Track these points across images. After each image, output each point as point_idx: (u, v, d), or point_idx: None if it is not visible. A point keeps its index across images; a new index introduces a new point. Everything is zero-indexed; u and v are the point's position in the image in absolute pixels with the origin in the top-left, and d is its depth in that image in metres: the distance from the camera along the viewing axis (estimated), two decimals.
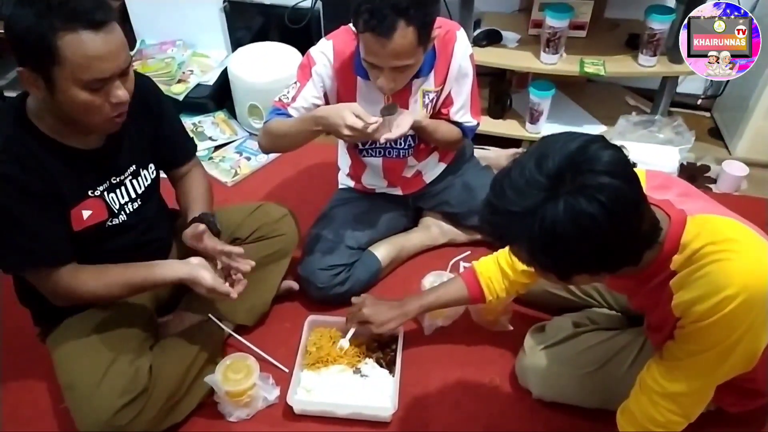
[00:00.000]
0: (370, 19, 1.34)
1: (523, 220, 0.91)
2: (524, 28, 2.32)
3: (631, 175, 0.92)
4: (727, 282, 0.98)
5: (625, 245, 0.95)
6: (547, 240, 0.90)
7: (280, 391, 1.57)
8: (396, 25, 1.34)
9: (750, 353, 1.07)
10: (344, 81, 1.60)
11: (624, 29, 2.31)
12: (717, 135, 2.45)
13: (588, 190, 0.88)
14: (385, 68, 1.43)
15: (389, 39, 1.35)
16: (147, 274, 1.36)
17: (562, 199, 0.88)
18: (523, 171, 0.92)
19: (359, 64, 1.54)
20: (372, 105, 1.57)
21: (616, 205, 0.88)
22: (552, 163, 0.90)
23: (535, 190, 0.90)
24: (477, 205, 1.84)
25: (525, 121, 2.29)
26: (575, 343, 1.48)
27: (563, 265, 0.96)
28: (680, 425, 1.17)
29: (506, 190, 0.93)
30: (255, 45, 2.49)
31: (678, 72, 2.18)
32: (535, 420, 1.52)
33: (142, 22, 2.67)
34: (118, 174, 1.38)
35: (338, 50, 1.58)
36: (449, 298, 1.54)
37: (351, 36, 1.57)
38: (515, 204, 0.91)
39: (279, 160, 2.36)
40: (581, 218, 0.88)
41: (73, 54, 1.10)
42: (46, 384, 1.59)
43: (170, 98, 2.46)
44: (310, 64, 1.59)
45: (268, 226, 1.66)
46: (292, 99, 1.58)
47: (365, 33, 1.37)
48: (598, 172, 0.88)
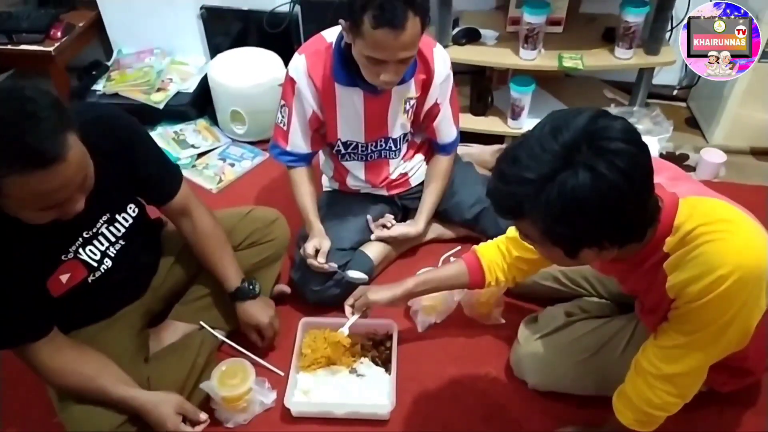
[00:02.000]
0: (382, 14, 1.35)
1: (541, 187, 0.91)
2: (502, 25, 2.35)
3: (642, 143, 0.94)
4: (720, 261, 1.00)
5: (639, 213, 0.97)
6: (567, 206, 0.91)
7: (276, 394, 1.56)
8: (407, 16, 1.36)
9: (743, 331, 1.09)
10: (324, 91, 1.62)
11: (600, 23, 2.35)
12: (694, 124, 2.50)
13: (606, 156, 0.89)
14: (390, 62, 1.45)
15: (403, 30, 1.37)
16: (121, 395, 1.32)
17: (581, 166, 0.89)
18: (539, 140, 0.93)
19: (337, 70, 1.56)
20: (352, 109, 1.62)
21: (633, 170, 0.90)
22: (567, 133, 0.91)
23: (552, 157, 0.91)
24: (462, 200, 1.90)
25: (507, 117, 2.31)
26: (568, 332, 1.50)
27: (578, 235, 0.96)
28: (677, 406, 1.19)
29: (521, 157, 0.93)
30: (234, 50, 2.48)
31: (654, 63, 2.22)
32: (533, 409, 1.54)
33: (118, 31, 2.65)
34: (90, 227, 1.32)
35: (311, 63, 1.59)
36: (448, 276, 1.51)
37: (323, 45, 1.59)
38: (532, 170, 0.92)
39: (263, 165, 2.36)
40: (601, 183, 0.89)
41: (20, 192, 1.02)
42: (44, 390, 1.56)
43: (151, 107, 2.45)
44: (291, 83, 1.61)
45: (260, 231, 1.65)
46: (287, 124, 1.67)
47: (377, 29, 1.37)
48: (613, 139, 0.90)
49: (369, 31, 1.39)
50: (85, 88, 2.53)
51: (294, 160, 1.73)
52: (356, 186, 1.88)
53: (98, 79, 2.56)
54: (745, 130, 2.32)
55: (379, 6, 1.35)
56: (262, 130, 2.43)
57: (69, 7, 2.62)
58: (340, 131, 1.71)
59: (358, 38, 1.43)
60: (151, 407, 1.33)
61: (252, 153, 2.40)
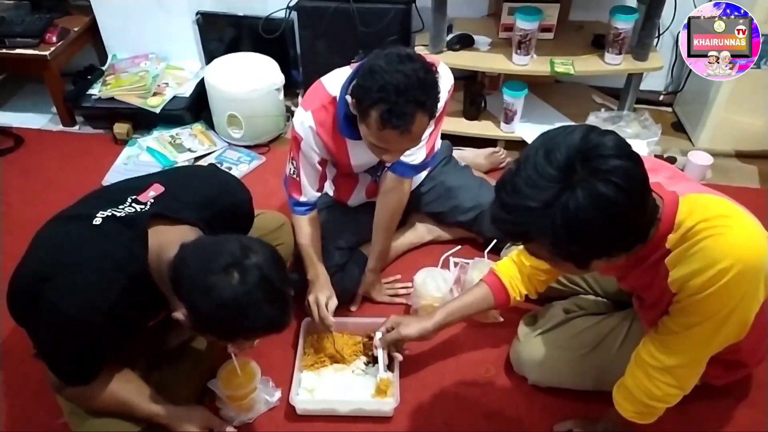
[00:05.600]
0: (389, 117, 1.32)
1: (544, 213, 0.93)
2: (494, 32, 2.40)
3: (634, 154, 0.97)
4: (721, 255, 1.04)
5: (640, 221, 1.01)
6: (572, 228, 0.93)
7: (281, 393, 1.58)
8: (415, 118, 1.34)
9: (743, 322, 1.13)
10: (334, 143, 1.61)
11: (589, 30, 2.41)
12: (680, 128, 2.57)
13: (602, 174, 0.92)
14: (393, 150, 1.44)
15: (409, 131, 1.35)
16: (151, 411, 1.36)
17: (579, 187, 0.92)
18: (534, 166, 0.94)
19: (344, 127, 1.54)
20: (365, 157, 1.61)
21: (629, 184, 0.93)
22: (560, 155, 0.93)
23: (550, 183, 0.93)
24: (459, 203, 1.93)
25: (500, 122, 2.36)
26: (567, 328, 1.54)
27: (587, 251, 0.99)
28: (677, 397, 1.23)
29: (520, 186, 0.95)
30: (230, 56, 2.50)
31: (642, 68, 2.28)
32: (533, 405, 1.57)
33: (113, 36, 2.65)
34: None
35: (318, 120, 1.57)
36: (474, 302, 1.50)
37: (327, 99, 1.56)
38: (532, 199, 0.94)
39: (260, 169, 2.38)
40: (601, 201, 0.92)
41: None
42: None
43: (147, 111, 2.46)
44: (298, 139, 1.60)
45: (267, 236, 1.65)
46: (298, 174, 1.65)
47: (383, 129, 1.35)
48: (607, 156, 0.93)
49: (374, 126, 1.36)
50: (81, 93, 2.53)
51: (308, 209, 1.71)
52: (357, 203, 1.90)
53: (93, 84, 2.56)
54: (730, 133, 2.39)
55: (389, 109, 1.31)
56: (259, 134, 2.46)
57: (63, 12, 2.62)
58: (353, 167, 1.72)
59: (363, 123, 1.40)
60: (176, 424, 1.37)
61: (249, 157, 2.42)
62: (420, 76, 1.33)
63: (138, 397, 1.35)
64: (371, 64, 1.35)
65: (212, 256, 1.11)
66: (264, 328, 1.17)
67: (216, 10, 2.57)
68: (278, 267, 1.17)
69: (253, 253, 1.12)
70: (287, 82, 2.49)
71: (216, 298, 1.09)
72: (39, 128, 2.62)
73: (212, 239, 1.20)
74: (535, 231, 0.97)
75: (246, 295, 1.10)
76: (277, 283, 1.14)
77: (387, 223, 1.76)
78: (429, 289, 1.73)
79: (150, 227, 1.21)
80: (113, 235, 1.20)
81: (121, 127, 2.49)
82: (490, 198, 1.87)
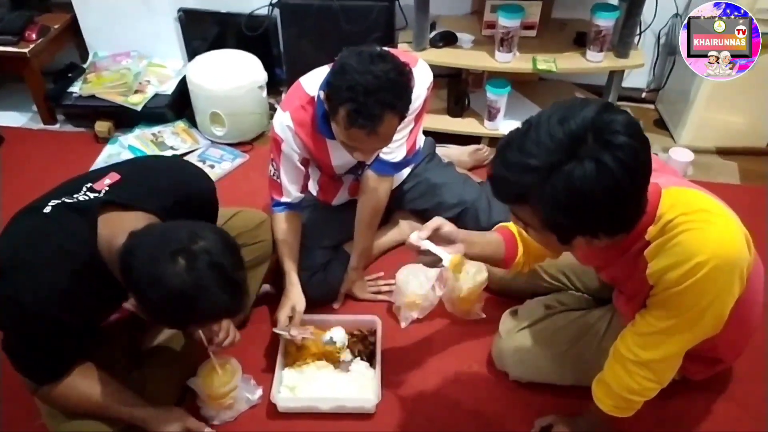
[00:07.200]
0: (357, 117, 1.32)
1: (547, 177, 0.94)
2: (477, 29, 2.40)
3: (645, 138, 0.98)
4: (698, 249, 1.04)
5: (634, 207, 1.01)
6: (570, 197, 0.94)
7: (262, 391, 1.57)
8: (383, 119, 1.33)
9: (718, 317, 1.14)
10: (313, 143, 1.61)
11: (571, 28, 2.42)
12: (662, 125, 2.58)
13: (612, 149, 0.93)
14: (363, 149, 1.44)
15: (376, 132, 1.35)
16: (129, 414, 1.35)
17: (587, 158, 0.92)
18: (546, 130, 0.95)
19: (323, 127, 1.53)
20: (346, 157, 1.59)
21: (636, 165, 0.94)
22: (574, 124, 0.94)
23: (559, 147, 0.94)
24: (443, 200, 1.93)
25: (483, 119, 2.36)
26: (548, 324, 1.55)
27: (575, 225, 1.00)
28: (654, 391, 1.24)
29: (527, 146, 0.96)
30: (213, 53, 2.48)
31: (624, 66, 2.29)
32: (514, 401, 1.58)
33: (94, 34, 2.63)
34: None
35: (297, 120, 1.57)
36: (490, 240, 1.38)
37: (306, 99, 1.56)
38: (537, 158, 0.94)
39: (244, 167, 2.37)
40: (606, 176, 0.92)
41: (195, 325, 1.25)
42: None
43: (128, 109, 2.45)
44: (278, 141, 1.59)
45: (247, 233, 1.63)
46: (278, 176, 1.65)
47: (350, 128, 1.34)
48: (619, 133, 0.93)
49: (342, 124, 1.36)
50: (61, 91, 2.51)
51: (285, 208, 1.70)
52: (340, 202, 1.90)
53: (74, 82, 2.54)
54: (711, 131, 2.41)
55: (356, 109, 1.31)
56: (242, 132, 2.45)
57: (43, 10, 2.60)
58: (334, 167, 1.72)
59: (333, 121, 1.41)
60: (154, 425, 1.36)
61: (232, 155, 2.41)
62: (390, 77, 1.32)
63: (114, 400, 1.33)
64: (343, 62, 1.35)
65: (159, 243, 1.08)
66: (215, 315, 1.15)
67: (198, 6, 2.55)
68: (230, 252, 1.13)
69: (201, 239, 1.09)
70: (271, 80, 2.48)
71: (163, 286, 1.05)
72: (19, 126, 2.60)
73: (161, 226, 1.17)
74: (532, 193, 0.97)
75: (194, 282, 1.06)
76: (229, 268, 1.10)
77: (368, 221, 1.76)
78: (411, 286, 1.73)
79: (101, 214, 1.18)
80: (62, 223, 1.18)
81: (102, 126, 2.47)
82: (473, 195, 1.91)
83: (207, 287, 1.07)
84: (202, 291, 1.07)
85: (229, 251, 1.12)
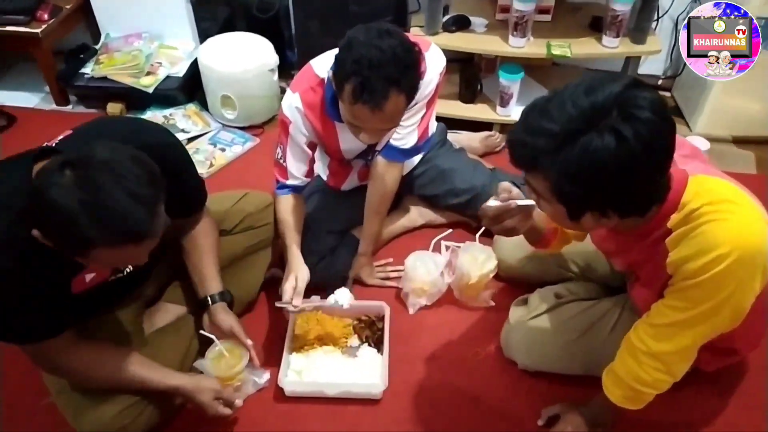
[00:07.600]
0: (361, 92, 1.30)
1: (563, 143, 0.93)
2: (491, 13, 2.37)
3: (670, 118, 0.96)
4: (720, 241, 1.02)
5: (649, 187, 1.00)
6: (583, 166, 0.93)
7: (270, 374, 1.57)
8: (389, 96, 1.31)
9: (736, 312, 1.11)
10: (322, 126, 1.59)
11: (586, 12, 2.38)
12: (677, 113, 2.54)
13: (633, 123, 0.92)
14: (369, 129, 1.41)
15: (382, 109, 1.32)
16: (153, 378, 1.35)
17: (608, 129, 0.91)
18: (571, 97, 0.94)
19: (331, 110, 1.52)
20: (354, 142, 1.57)
21: (655, 142, 0.93)
22: (601, 95, 0.93)
23: (580, 114, 0.93)
24: (453, 186, 1.92)
25: (495, 105, 2.34)
26: (558, 313, 1.53)
27: (586, 197, 0.98)
28: (667, 383, 1.22)
29: (550, 111, 0.95)
30: (224, 35, 2.47)
31: (640, 52, 2.25)
32: (522, 389, 1.57)
33: (105, 15, 2.62)
34: None
35: (306, 101, 1.55)
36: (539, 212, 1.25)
37: (316, 81, 1.54)
38: (557, 123, 0.94)
39: (254, 150, 2.36)
40: (623, 149, 0.91)
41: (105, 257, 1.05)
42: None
43: (140, 91, 2.44)
44: (286, 122, 1.58)
45: (253, 216, 1.64)
46: (284, 159, 1.62)
47: (355, 104, 1.33)
48: (643, 108, 0.92)
49: (347, 100, 1.34)
50: (73, 72, 2.51)
51: (290, 190, 1.67)
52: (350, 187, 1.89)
53: (86, 63, 2.54)
54: (727, 119, 2.37)
55: (360, 83, 1.29)
56: (253, 115, 2.44)
57: None
58: (342, 151, 1.70)
59: (340, 99, 1.39)
60: (190, 395, 1.37)
61: (243, 138, 2.40)
62: (396, 53, 1.30)
63: (153, 372, 1.36)
64: (350, 37, 1.33)
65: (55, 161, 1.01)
66: (112, 233, 1.00)
67: None
68: (138, 165, 1.03)
69: (102, 151, 1.01)
70: (282, 63, 2.46)
71: (46, 200, 0.97)
72: (32, 107, 2.61)
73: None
74: (547, 159, 0.96)
75: (81, 194, 0.97)
76: (132, 181, 1.00)
77: (377, 207, 1.75)
78: (420, 272, 1.72)
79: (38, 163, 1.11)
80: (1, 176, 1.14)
81: (114, 107, 2.47)
82: (484, 181, 1.89)
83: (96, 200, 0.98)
84: (90, 204, 0.97)
85: (136, 164, 1.03)
